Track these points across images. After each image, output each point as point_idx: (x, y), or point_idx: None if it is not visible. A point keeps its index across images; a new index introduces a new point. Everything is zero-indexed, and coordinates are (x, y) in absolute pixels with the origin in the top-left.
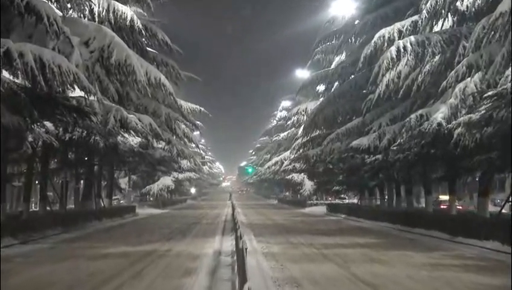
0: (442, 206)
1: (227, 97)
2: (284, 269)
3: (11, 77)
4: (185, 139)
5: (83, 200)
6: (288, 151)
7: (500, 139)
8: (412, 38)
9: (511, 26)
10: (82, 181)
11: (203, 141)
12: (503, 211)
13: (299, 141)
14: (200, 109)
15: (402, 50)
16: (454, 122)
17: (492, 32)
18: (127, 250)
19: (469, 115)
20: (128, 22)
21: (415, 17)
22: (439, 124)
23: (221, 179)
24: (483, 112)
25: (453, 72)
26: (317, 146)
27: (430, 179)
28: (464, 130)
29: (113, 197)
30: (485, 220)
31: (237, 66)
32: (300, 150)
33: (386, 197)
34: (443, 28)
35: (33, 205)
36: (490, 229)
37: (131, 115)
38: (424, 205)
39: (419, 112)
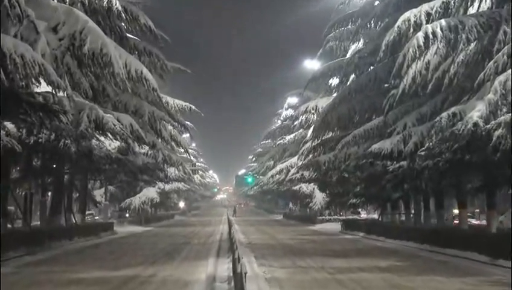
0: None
1: (224, 97)
2: None
3: None
4: (172, 143)
5: (50, 216)
6: (296, 157)
7: None
8: (443, 22)
9: None
10: (50, 193)
11: (193, 145)
12: None
13: (308, 144)
14: (190, 107)
15: (431, 36)
16: (493, 122)
17: None
18: (103, 275)
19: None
20: (104, 3)
21: None
22: (475, 125)
23: (216, 190)
24: None
25: (491, 62)
26: (329, 151)
27: (465, 190)
28: (505, 132)
29: (87, 212)
30: None
31: (236, 60)
32: (310, 156)
33: (412, 211)
34: (480, 9)
35: None
36: None
37: (108, 115)
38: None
39: (452, 110)
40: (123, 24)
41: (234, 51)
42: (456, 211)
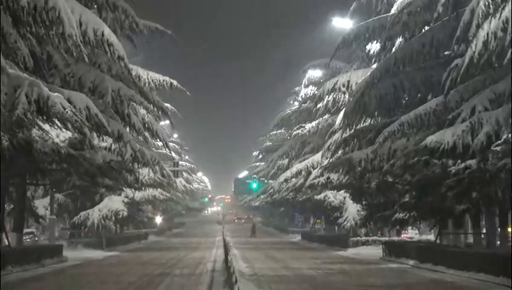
0: None
1: (222, 72)
2: None
3: None
4: (146, 133)
5: None
6: (319, 154)
7: None
8: None
9: None
10: None
11: (175, 136)
12: None
13: (337, 136)
14: (171, 83)
15: None
16: None
17: None
18: None
19: None
20: None
21: None
22: None
23: (207, 200)
24: None
25: None
26: (366, 145)
27: None
28: None
29: (26, 231)
30: None
31: (236, 20)
32: (339, 152)
33: (484, 230)
34: None
35: None
36: None
37: (56, 94)
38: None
39: None
40: None
41: (233, 8)
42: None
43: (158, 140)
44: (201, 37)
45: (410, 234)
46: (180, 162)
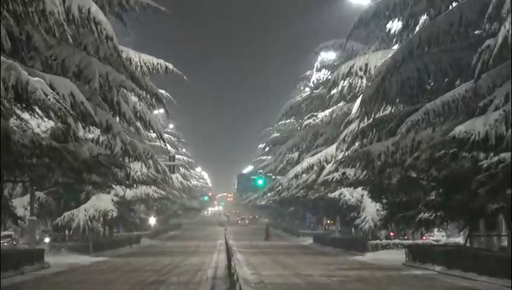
0: None
1: (224, 55)
2: None
3: None
4: (138, 124)
5: None
6: (333, 146)
7: None
8: None
9: None
10: None
11: (171, 126)
12: None
13: (354, 126)
14: (166, 66)
15: None
16: None
17: None
18: None
19: None
20: None
21: None
22: None
23: (207, 199)
24: None
25: None
26: (387, 136)
27: None
28: None
29: (3, 233)
30: None
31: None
32: (356, 144)
33: None
34: None
35: None
36: None
37: (37, 78)
38: None
39: None
40: None
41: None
42: None
43: (152, 131)
44: (205, 19)
45: (437, 236)
46: (176, 156)
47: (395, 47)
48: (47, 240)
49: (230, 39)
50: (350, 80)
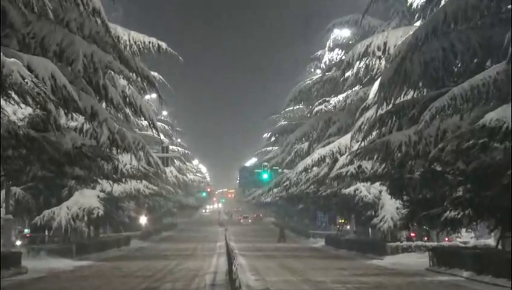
0: None
1: (224, 32)
2: None
3: None
4: (127, 110)
5: None
6: (348, 136)
7: None
8: None
9: None
10: None
11: (165, 113)
12: None
13: (371, 113)
14: (159, 45)
15: None
16: None
17: None
18: None
19: None
20: None
21: None
22: None
23: (205, 195)
24: None
25: None
26: (408, 125)
27: None
28: None
29: None
30: None
31: None
32: (373, 133)
33: None
34: None
35: None
36: None
37: (13, 59)
38: None
39: None
40: None
41: None
42: None
43: (143, 118)
44: None
45: (464, 237)
46: (170, 147)
47: (418, 23)
48: (18, 242)
49: (231, 12)
50: (367, 61)
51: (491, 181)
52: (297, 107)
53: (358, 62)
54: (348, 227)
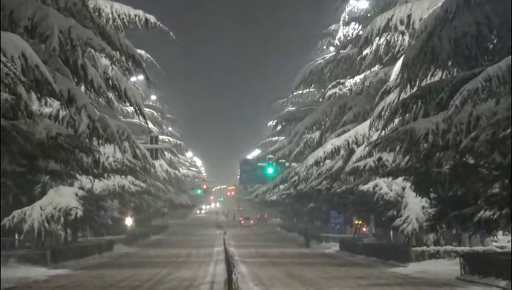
0: None
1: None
2: None
3: None
4: (110, 94)
5: None
6: (366, 124)
7: None
8: None
9: None
10: None
11: (153, 98)
12: None
13: (392, 97)
14: (146, 19)
15: None
16: None
17: None
18: None
19: None
20: None
21: None
22: None
23: (200, 192)
24: None
25: None
26: (436, 110)
27: None
28: None
29: None
30: None
31: None
32: (395, 121)
33: None
34: None
35: None
36: None
37: None
38: None
39: None
40: None
41: None
42: None
43: (128, 104)
44: None
45: (501, 241)
46: (160, 137)
47: None
48: None
49: None
50: (388, 37)
51: None
52: (308, 90)
53: (377, 38)
54: (366, 229)
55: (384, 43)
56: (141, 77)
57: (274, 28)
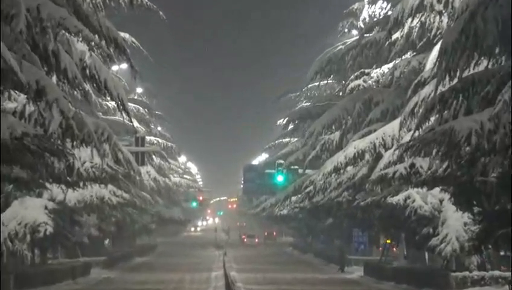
0: None
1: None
2: None
3: None
4: (87, 86)
5: None
6: (395, 123)
7: None
8: None
9: None
10: None
11: (139, 91)
12: None
13: (428, 90)
14: None
15: None
16: None
17: None
18: None
19: None
20: None
21: None
22: None
23: (196, 204)
24: None
25: None
26: (481, 107)
27: None
28: None
29: None
30: None
31: None
32: (431, 119)
33: None
34: None
35: None
36: None
37: None
38: None
39: None
40: None
41: None
42: None
43: (108, 98)
44: None
45: None
46: (147, 138)
47: None
48: None
49: None
50: (422, 18)
51: None
52: (325, 82)
53: (410, 19)
54: (396, 251)
55: (418, 25)
56: (125, 66)
57: (274, 28)
